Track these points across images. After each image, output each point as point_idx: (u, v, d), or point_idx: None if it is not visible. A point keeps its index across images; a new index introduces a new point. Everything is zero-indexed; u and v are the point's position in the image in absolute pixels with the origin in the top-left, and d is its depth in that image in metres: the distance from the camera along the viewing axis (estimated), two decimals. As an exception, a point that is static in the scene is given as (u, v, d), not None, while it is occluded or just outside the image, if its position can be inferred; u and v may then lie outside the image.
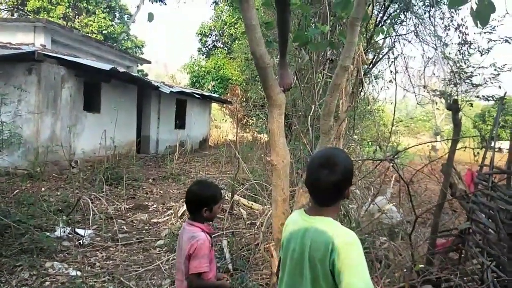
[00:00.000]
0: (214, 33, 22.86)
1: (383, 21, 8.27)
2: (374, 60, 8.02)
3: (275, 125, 2.57)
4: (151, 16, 2.94)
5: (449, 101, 5.22)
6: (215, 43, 23.38)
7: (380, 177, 6.16)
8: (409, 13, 8.41)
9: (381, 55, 8.01)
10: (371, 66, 8.03)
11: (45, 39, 11.63)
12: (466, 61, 8.26)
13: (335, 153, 1.53)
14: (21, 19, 15.82)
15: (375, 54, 7.91)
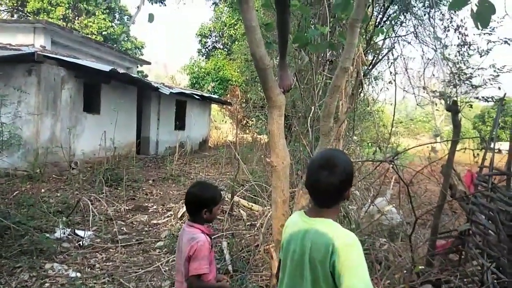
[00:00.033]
0: (214, 34, 22.90)
1: (382, 22, 8.28)
2: (373, 61, 8.04)
3: (275, 126, 2.57)
4: (151, 16, 2.94)
5: (448, 102, 5.22)
6: (215, 44, 23.43)
7: (380, 178, 6.15)
8: (408, 14, 8.43)
9: (380, 56, 8.03)
10: (370, 67, 8.04)
11: (45, 40, 11.63)
12: (465, 62, 8.29)
13: (335, 155, 1.52)
14: (21, 20, 15.83)
15: (374, 55, 7.93)
